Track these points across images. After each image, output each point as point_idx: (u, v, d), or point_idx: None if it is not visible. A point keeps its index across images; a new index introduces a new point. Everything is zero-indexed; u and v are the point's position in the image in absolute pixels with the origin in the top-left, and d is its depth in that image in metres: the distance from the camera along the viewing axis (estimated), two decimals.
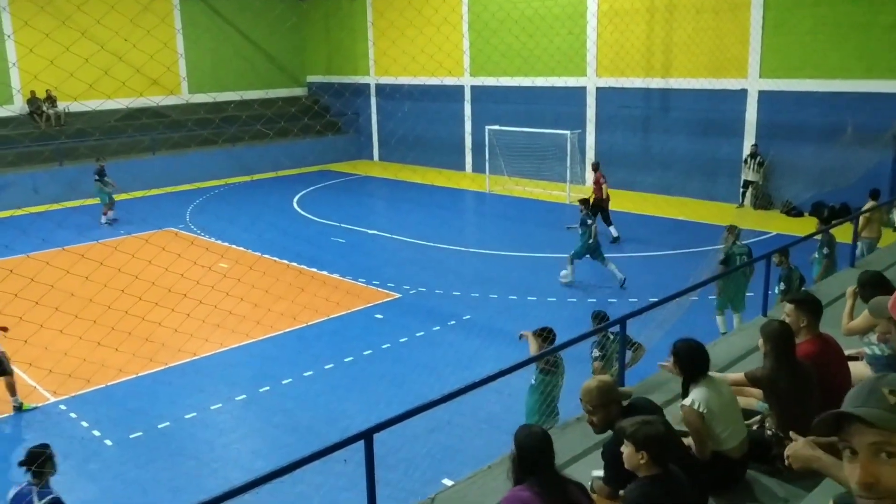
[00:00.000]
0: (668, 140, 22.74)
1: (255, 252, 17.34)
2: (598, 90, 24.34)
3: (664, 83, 22.76)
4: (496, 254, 17.47)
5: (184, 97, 28.77)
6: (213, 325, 10.64)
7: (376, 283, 15.31)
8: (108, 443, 9.44)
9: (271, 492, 5.25)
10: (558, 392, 7.72)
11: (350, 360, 11.77)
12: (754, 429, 5.35)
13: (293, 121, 25.30)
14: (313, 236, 19.69)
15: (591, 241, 14.57)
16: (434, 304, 14.12)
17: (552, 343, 7.56)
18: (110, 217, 21.23)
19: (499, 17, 24.91)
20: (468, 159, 28.61)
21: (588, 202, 15.41)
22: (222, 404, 10.42)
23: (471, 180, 26.31)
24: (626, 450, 3.94)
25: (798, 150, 19.96)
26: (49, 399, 10.55)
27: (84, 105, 22.30)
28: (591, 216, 14.86)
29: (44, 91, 25.68)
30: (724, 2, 20.99)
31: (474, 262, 17.08)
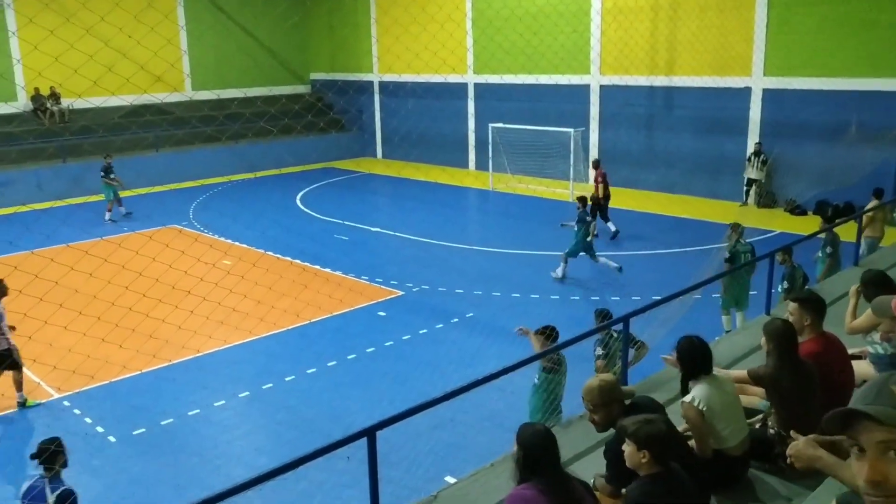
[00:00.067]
0: (671, 138, 22.72)
1: (259, 249, 17.38)
2: (602, 88, 24.30)
3: (668, 81, 22.71)
4: (499, 251, 17.47)
5: (187, 94, 28.80)
6: (217, 321, 10.67)
7: (379, 280, 15.32)
8: (112, 439, 9.46)
9: (274, 489, 5.26)
10: (562, 390, 7.72)
11: (353, 357, 11.78)
12: (757, 427, 5.35)
13: (297, 118, 25.33)
14: (316, 233, 19.71)
15: (588, 238, 14.63)
16: (437, 302, 14.13)
17: (555, 342, 7.56)
18: (122, 212, 21.28)
19: (503, 14, 24.91)
20: (471, 157, 28.61)
21: (586, 200, 15.42)
22: (226, 401, 10.44)
23: (474, 178, 26.30)
24: (627, 448, 3.95)
25: (802, 148, 19.93)
26: (53, 395, 10.59)
27: (88, 102, 22.34)
28: (589, 214, 14.86)
29: (48, 88, 25.72)
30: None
31: (477, 259, 17.09)
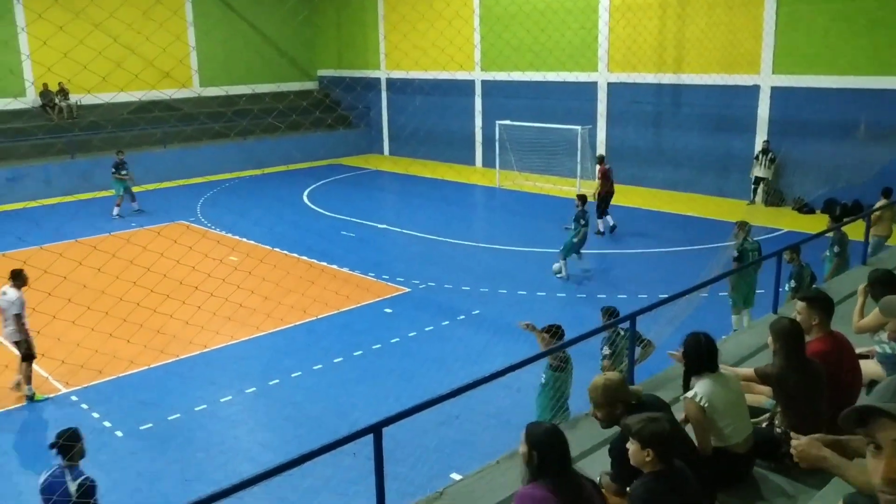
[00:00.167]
0: (679, 136, 22.66)
1: (266, 245, 17.41)
2: (610, 85, 24.25)
3: (676, 79, 22.64)
4: (506, 249, 17.47)
5: (196, 90, 28.88)
6: (224, 317, 10.69)
7: (386, 277, 15.34)
8: (119, 434, 9.50)
9: (280, 484, 5.29)
10: (569, 389, 7.72)
11: (359, 353, 11.80)
12: (763, 426, 5.34)
13: (304, 114, 25.39)
14: (324, 230, 19.73)
15: (575, 239, 14.70)
16: (443, 299, 14.14)
17: (561, 340, 7.54)
18: (134, 207, 21.35)
19: (510, 11, 24.85)
20: (478, 154, 28.59)
21: (585, 198, 15.38)
22: (232, 397, 10.48)
23: (481, 175, 26.27)
24: (631, 447, 3.95)
25: (810, 146, 19.84)
26: (61, 390, 10.64)
27: (96, 98, 22.38)
28: (586, 215, 14.82)
29: (56, 84, 25.81)
30: None
31: (484, 257, 17.09)
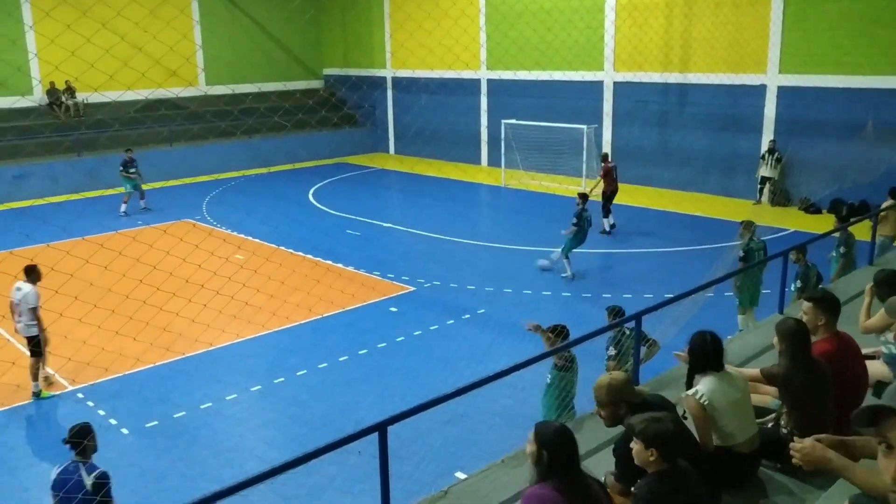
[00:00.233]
0: (685, 135, 22.61)
1: (272, 244, 17.45)
2: (616, 84, 24.22)
3: (682, 78, 22.60)
4: (511, 248, 17.46)
5: (202, 89, 28.93)
6: (230, 315, 10.72)
7: (391, 276, 15.35)
8: (125, 431, 9.53)
9: (286, 482, 5.30)
10: (574, 389, 7.71)
11: (364, 352, 11.82)
12: (769, 426, 5.33)
13: (310, 113, 25.41)
14: (329, 229, 19.76)
15: (572, 239, 14.77)
16: (449, 298, 14.14)
17: (566, 340, 7.53)
18: (141, 205, 21.42)
19: (516, 9, 24.85)
20: (484, 153, 28.58)
21: (586, 197, 15.37)
22: (238, 395, 10.51)
23: (486, 174, 26.27)
24: (635, 447, 3.95)
25: (817, 146, 19.79)
26: (67, 387, 10.68)
27: (103, 96, 22.48)
28: (584, 213, 14.81)
29: (63, 82, 25.89)
30: None
31: (489, 256, 17.09)
